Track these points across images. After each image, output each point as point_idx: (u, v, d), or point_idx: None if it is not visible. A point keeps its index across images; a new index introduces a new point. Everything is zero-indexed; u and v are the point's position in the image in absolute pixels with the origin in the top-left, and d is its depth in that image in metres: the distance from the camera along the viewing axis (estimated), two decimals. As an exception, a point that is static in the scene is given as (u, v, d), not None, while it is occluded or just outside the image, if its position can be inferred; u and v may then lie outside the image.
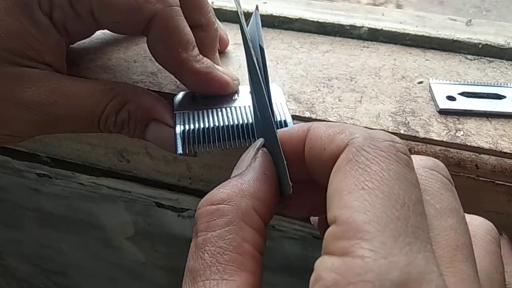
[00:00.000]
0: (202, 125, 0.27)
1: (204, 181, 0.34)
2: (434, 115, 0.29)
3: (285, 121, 0.27)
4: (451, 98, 0.29)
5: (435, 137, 0.27)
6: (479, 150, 0.27)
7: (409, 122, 0.28)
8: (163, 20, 0.26)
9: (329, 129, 0.18)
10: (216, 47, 0.31)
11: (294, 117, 0.28)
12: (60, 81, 0.27)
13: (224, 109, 0.28)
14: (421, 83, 0.32)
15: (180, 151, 0.26)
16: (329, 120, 0.28)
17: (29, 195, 0.46)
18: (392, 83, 0.31)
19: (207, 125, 0.27)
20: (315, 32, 0.37)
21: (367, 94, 0.30)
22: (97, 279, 0.57)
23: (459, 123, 0.28)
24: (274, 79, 0.32)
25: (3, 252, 0.60)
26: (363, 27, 0.36)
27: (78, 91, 0.27)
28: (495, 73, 0.33)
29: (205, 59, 0.28)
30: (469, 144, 0.27)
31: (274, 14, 0.38)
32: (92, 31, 0.32)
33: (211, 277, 0.16)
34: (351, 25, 0.36)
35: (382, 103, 0.30)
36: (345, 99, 0.30)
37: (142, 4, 0.25)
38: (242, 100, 0.28)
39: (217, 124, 0.27)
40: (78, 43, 0.33)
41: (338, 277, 0.14)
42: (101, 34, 0.35)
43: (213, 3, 0.39)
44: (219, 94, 0.28)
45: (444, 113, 0.29)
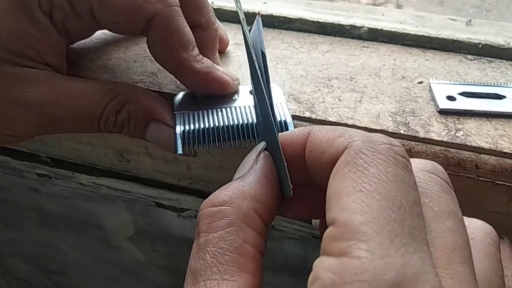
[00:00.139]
0: (202, 125, 0.27)
1: (204, 181, 0.34)
2: (434, 115, 0.29)
3: (285, 121, 0.27)
4: (451, 98, 0.29)
5: (435, 137, 0.27)
6: (479, 150, 0.27)
7: (409, 122, 0.28)
8: (163, 20, 0.26)
9: (329, 133, 0.19)
10: (216, 47, 0.31)
11: (294, 117, 0.28)
12: (60, 81, 0.27)
13: (224, 109, 0.28)
14: (421, 83, 0.32)
15: (180, 151, 0.26)
16: (329, 120, 0.28)
17: (29, 195, 0.46)
18: (392, 83, 0.31)
19: (207, 125, 0.27)
20: (315, 32, 0.37)
21: (367, 94, 0.30)
22: (97, 279, 0.57)
23: (459, 123, 0.28)
24: (274, 79, 0.32)
25: (3, 252, 0.60)
26: (363, 27, 0.36)
27: (78, 91, 0.27)
28: (495, 73, 0.33)
29: (205, 59, 0.28)
30: (469, 144, 0.27)
31: (274, 14, 0.37)
32: (92, 31, 0.32)
33: (212, 277, 0.17)
34: (351, 25, 0.36)
35: (382, 103, 0.30)
36: (345, 99, 0.30)
37: (142, 4, 0.25)
38: (242, 100, 0.28)
39: (217, 124, 0.27)
40: (78, 43, 0.33)
41: (335, 277, 0.14)
42: (101, 34, 0.35)
43: (213, 3, 0.39)
44: (219, 94, 0.28)
45: (444, 113, 0.29)
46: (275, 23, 0.38)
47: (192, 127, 0.27)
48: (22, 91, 0.26)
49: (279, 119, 0.27)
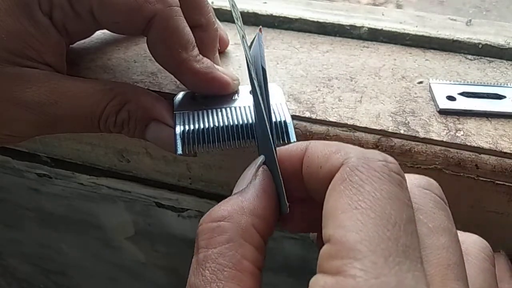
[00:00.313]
0: (202, 126, 0.27)
1: (204, 181, 0.34)
2: (434, 115, 0.29)
3: (285, 122, 0.27)
4: (451, 98, 0.29)
5: (435, 137, 0.27)
6: (479, 150, 0.27)
7: (409, 122, 0.28)
8: (163, 20, 0.26)
9: (325, 148, 0.19)
10: (216, 47, 0.31)
11: (294, 117, 0.28)
12: (60, 81, 0.27)
13: (224, 109, 0.28)
14: (421, 83, 0.32)
15: (180, 151, 0.26)
16: (329, 120, 0.28)
17: (29, 195, 0.46)
18: (392, 83, 0.31)
19: (207, 126, 0.27)
20: (315, 32, 0.37)
21: (367, 94, 0.30)
22: (97, 279, 0.57)
23: (459, 123, 0.28)
24: (274, 79, 0.32)
25: (3, 252, 0.60)
26: (363, 27, 0.36)
27: (78, 91, 0.27)
28: (495, 73, 0.33)
29: (205, 59, 0.28)
30: (469, 144, 0.27)
31: (274, 14, 0.37)
32: (92, 31, 0.32)
33: None
34: (351, 25, 0.36)
35: (382, 103, 0.30)
36: (345, 99, 0.30)
37: (142, 4, 0.25)
38: (242, 100, 0.28)
39: (217, 124, 0.27)
40: (78, 43, 0.33)
41: None
42: (101, 34, 0.35)
43: (213, 3, 0.39)
44: (219, 94, 0.28)
45: (444, 113, 0.29)
46: (275, 23, 0.38)
47: (192, 127, 0.27)
48: (22, 91, 0.26)
49: (279, 119, 0.27)
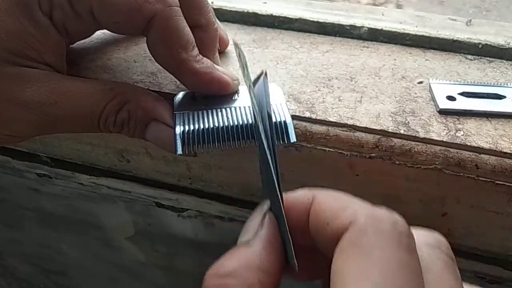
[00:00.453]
0: (202, 126, 0.27)
1: (204, 181, 0.34)
2: (434, 115, 0.29)
3: (285, 122, 0.27)
4: (451, 98, 0.29)
5: (435, 137, 0.27)
6: (479, 150, 0.27)
7: (409, 122, 0.28)
8: (163, 20, 0.26)
9: (332, 204, 0.19)
10: (216, 47, 0.31)
11: (294, 117, 0.28)
12: (60, 81, 0.27)
13: (224, 110, 0.28)
14: (421, 83, 0.32)
15: (180, 151, 0.26)
16: (329, 120, 0.28)
17: (29, 195, 0.46)
18: (392, 83, 0.31)
19: (207, 126, 0.27)
20: (315, 32, 0.37)
21: (367, 94, 0.30)
22: (97, 279, 0.57)
23: (459, 123, 0.28)
24: (274, 79, 0.32)
25: (3, 252, 0.60)
26: (363, 27, 0.36)
27: (78, 91, 0.27)
28: (495, 73, 0.33)
29: (205, 59, 0.28)
30: (469, 144, 0.27)
31: (274, 14, 0.37)
32: (92, 31, 0.32)
33: None
34: (351, 25, 0.36)
35: (382, 103, 0.30)
36: (345, 99, 0.30)
37: (142, 4, 0.25)
38: (242, 100, 0.28)
39: (217, 124, 0.27)
40: (78, 43, 0.33)
41: None
42: (101, 34, 0.35)
43: (213, 3, 0.39)
44: (219, 94, 0.28)
45: (444, 113, 0.29)
46: (275, 23, 0.38)
47: (192, 127, 0.27)
48: (22, 91, 0.26)
49: (279, 119, 0.27)
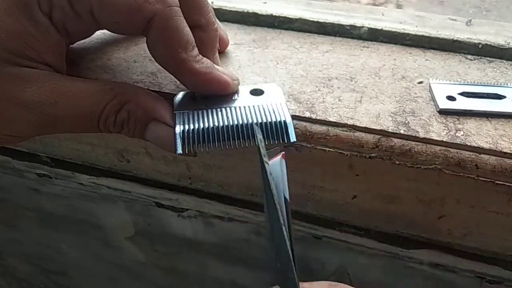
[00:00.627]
0: (202, 125, 0.27)
1: (204, 181, 0.34)
2: (434, 115, 0.29)
3: (285, 122, 0.27)
4: (451, 98, 0.29)
5: (435, 137, 0.27)
6: (479, 150, 0.27)
7: (409, 122, 0.28)
8: (163, 20, 0.26)
9: None
10: (216, 47, 0.31)
11: (294, 117, 0.28)
12: (60, 81, 0.27)
13: (224, 109, 0.28)
14: (421, 83, 0.32)
15: (179, 151, 0.26)
16: (329, 120, 0.28)
17: (29, 195, 0.46)
18: (392, 83, 0.31)
19: (207, 125, 0.27)
20: (315, 32, 0.37)
21: (367, 94, 0.30)
22: (97, 279, 0.57)
23: (459, 123, 0.28)
24: (274, 79, 0.32)
25: (3, 252, 0.60)
26: (363, 27, 0.36)
27: (78, 91, 0.27)
28: (495, 73, 0.33)
29: (205, 59, 0.28)
30: (469, 144, 0.27)
31: (274, 14, 0.37)
32: (92, 31, 0.32)
33: None
34: (351, 25, 0.36)
35: (382, 103, 0.30)
36: (345, 99, 0.30)
37: (141, 4, 0.25)
38: (242, 100, 0.28)
39: (217, 124, 0.27)
40: (78, 43, 0.33)
41: None
42: (101, 34, 0.35)
43: (213, 3, 0.39)
44: (219, 94, 0.28)
45: (444, 113, 0.29)
46: (275, 23, 0.38)
47: (191, 127, 0.27)
48: (22, 91, 0.26)
49: (278, 119, 0.27)
